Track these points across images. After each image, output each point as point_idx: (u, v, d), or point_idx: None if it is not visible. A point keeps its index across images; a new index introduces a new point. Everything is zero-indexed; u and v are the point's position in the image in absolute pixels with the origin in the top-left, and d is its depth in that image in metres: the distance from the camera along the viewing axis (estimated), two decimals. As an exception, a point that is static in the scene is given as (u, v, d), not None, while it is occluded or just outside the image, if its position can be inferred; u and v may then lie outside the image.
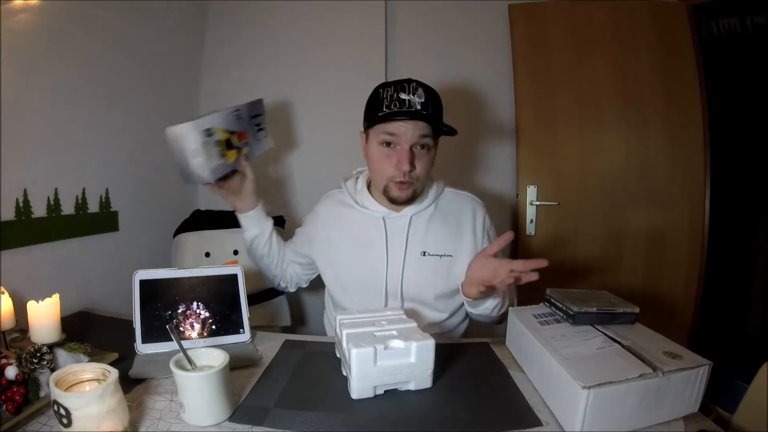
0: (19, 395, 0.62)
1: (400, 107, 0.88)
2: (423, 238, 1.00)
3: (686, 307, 1.69)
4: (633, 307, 0.76)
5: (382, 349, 0.66)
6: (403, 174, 0.91)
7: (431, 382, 0.70)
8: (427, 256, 0.99)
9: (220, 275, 0.93)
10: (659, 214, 1.70)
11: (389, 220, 1.01)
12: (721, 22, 1.77)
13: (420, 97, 0.89)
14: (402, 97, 0.89)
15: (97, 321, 1.07)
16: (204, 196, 1.91)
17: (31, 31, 1.06)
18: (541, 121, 1.75)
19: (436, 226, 1.01)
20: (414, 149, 0.92)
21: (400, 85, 0.91)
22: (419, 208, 1.01)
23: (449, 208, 1.05)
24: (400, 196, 0.95)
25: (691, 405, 0.62)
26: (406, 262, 0.99)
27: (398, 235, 1.00)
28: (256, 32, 1.84)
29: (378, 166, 0.95)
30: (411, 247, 1.00)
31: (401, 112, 0.88)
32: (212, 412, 0.61)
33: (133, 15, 1.40)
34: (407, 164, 0.89)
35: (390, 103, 0.89)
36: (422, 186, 0.98)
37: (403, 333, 0.70)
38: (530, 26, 1.74)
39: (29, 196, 1.07)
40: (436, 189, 1.05)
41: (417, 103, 0.88)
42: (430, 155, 0.96)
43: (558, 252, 1.78)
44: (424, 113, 0.88)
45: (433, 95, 0.93)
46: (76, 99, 1.22)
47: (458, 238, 1.01)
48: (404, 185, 0.93)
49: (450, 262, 1.00)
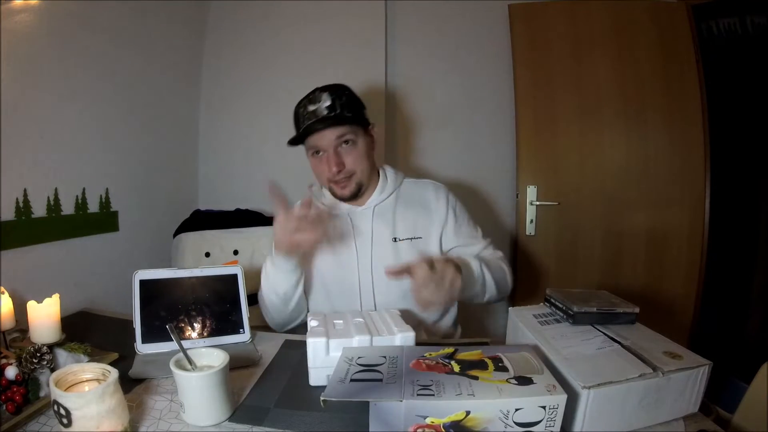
0: (19, 395, 0.62)
1: (310, 118, 0.96)
2: (391, 225, 1.03)
3: (686, 307, 1.69)
4: (633, 307, 0.76)
5: (340, 342, 0.70)
6: (335, 174, 0.97)
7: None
8: (398, 241, 1.03)
9: (220, 275, 0.94)
10: (659, 214, 1.70)
11: (354, 215, 1.05)
12: (721, 22, 1.77)
13: (325, 102, 0.96)
14: (310, 109, 0.96)
15: (97, 321, 1.07)
16: (204, 196, 1.92)
17: (31, 31, 1.06)
18: (541, 121, 1.75)
19: (401, 212, 1.05)
20: (339, 149, 0.97)
21: (307, 98, 0.99)
22: (380, 198, 1.05)
23: (411, 194, 1.09)
24: (344, 194, 1.01)
25: (691, 405, 0.62)
26: (374, 249, 1.02)
27: (365, 227, 1.04)
28: (256, 32, 1.84)
29: (316, 172, 1.04)
30: (379, 234, 1.03)
31: (310, 125, 0.95)
32: (212, 412, 0.61)
33: (133, 15, 1.41)
34: (334, 165, 0.96)
35: (303, 118, 0.97)
36: (364, 177, 1.02)
37: (367, 328, 0.74)
38: (530, 26, 1.74)
39: (29, 196, 1.07)
40: (395, 179, 1.09)
41: (323, 109, 0.95)
42: (357, 148, 1.00)
43: (558, 252, 1.78)
44: (332, 114, 0.95)
45: (340, 92, 0.98)
46: (76, 99, 1.22)
47: (426, 220, 1.05)
48: (342, 183, 1.00)
49: (422, 244, 1.03)
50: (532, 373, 0.57)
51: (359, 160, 1.00)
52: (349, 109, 0.97)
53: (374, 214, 1.04)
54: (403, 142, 1.88)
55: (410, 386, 0.54)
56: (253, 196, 1.82)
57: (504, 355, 0.63)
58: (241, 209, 1.67)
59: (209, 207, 1.72)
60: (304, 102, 0.98)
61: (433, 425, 0.51)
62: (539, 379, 0.56)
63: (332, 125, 0.95)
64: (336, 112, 0.95)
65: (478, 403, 0.51)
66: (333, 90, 0.97)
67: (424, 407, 0.51)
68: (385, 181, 1.08)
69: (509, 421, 0.52)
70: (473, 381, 0.56)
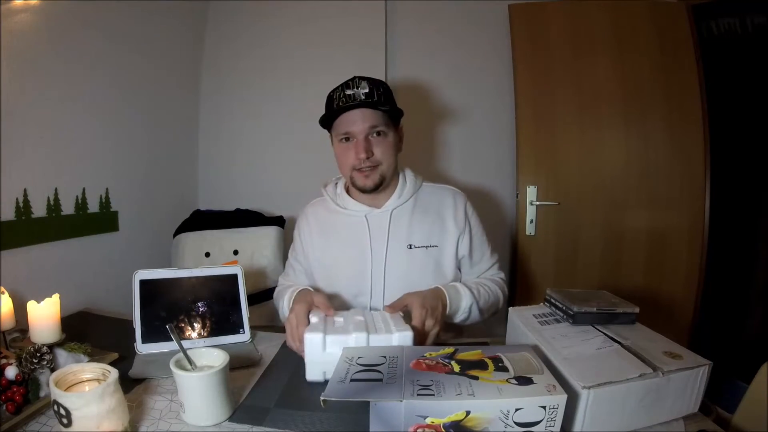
0: (19, 395, 0.62)
1: (347, 102, 0.95)
2: (407, 231, 1.02)
3: (686, 307, 1.69)
4: (633, 307, 0.76)
5: (337, 338, 0.71)
6: (362, 161, 0.96)
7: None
8: (414, 248, 1.02)
9: (220, 275, 0.94)
10: (659, 214, 1.70)
11: (371, 218, 1.04)
12: (721, 22, 1.77)
13: (363, 89, 0.95)
14: (347, 92, 0.96)
15: (97, 321, 1.07)
16: (204, 196, 1.92)
17: (31, 31, 1.06)
18: (541, 121, 1.75)
19: (418, 218, 1.04)
20: (370, 138, 0.97)
21: (345, 83, 0.98)
22: (399, 202, 1.04)
23: (429, 200, 1.08)
24: (366, 183, 0.99)
25: (691, 405, 0.62)
26: (388, 255, 1.01)
27: (381, 231, 1.03)
28: (256, 32, 1.84)
29: (341, 160, 1.02)
30: (394, 240, 1.02)
31: (347, 106, 0.94)
32: (212, 412, 0.61)
33: (133, 15, 1.41)
34: (363, 152, 0.95)
35: (338, 101, 0.96)
36: (389, 171, 1.01)
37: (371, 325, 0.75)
38: (530, 26, 1.74)
39: (29, 196, 1.07)
40: (414, 183, 1.08)
41: (361, 94, 0.95)
42: (388, 140, 1.00)
43: (558, 252, 1.78)
44: (369, 101, 0.94)
45: (378, 84, 0.98)
46: (76, 99, 1.22)
47: (442, 229, 1.04)
48: (366, 172, 0.98)
49: (437, 253, 1.02)
50: (533, 373, 0.57)
51: (387, 153, 0.99)
52: (386, 101, 0.97)
53: (391, 218, 1.03)
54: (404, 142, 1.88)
55: (410, 386, 0.54)
56: (253, 196, 1.82)
57: (504, 355, 0.63)
58: (241, 209, 1.67)
59: (209, 207, 1.72)
60: (341, 87, 0.98)
61: (433, 425, 0.51)
62: (539, 379, 0.56)
63: (369, 110, 0.95)
64: (374, 99, 0.95)
65: (478, 403, 0.51)
66: (372, 80, 0.98)
67: (424, 407, 0.51)
68: (404, 185, 1.07)
69: (509, 420, 0.52)
70: (473, 381, 0.56)
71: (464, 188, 1.14)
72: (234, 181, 1.89)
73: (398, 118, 1.02)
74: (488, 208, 1.88)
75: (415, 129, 1.87)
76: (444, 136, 1.88)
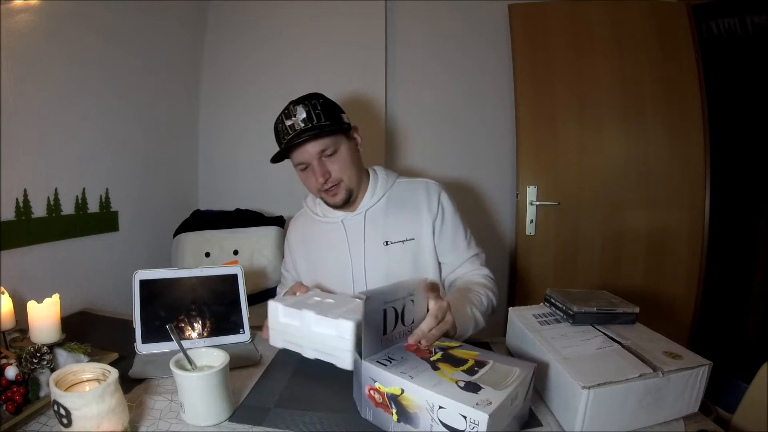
0: (19, 395, 0.62)
1: (289, 133, 0.95)
2: (383, 229, 1.03)
3: (686, 307, 1.69)
4: (633, 307, 0.76)
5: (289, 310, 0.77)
6: (322, 185, 0.98)
7: (351, 364, 0.69)
8: (390, 244, 1.02)
9: (220, 275, 0.94)
10: (659, 214, 1.70)
11: (347, 222, 1.05)
12: (721, 22, 1.77)
13: (300, 115, 0.94)
14: (288, 123, 0.95)
15: (97, 321, 1.07)
16: (204, 196, 1.92)
17: (31, 31, 1.06)
18: (540, 121, 1.75)
19: (393, 214, 1.04)
20: (322, 160, 0.97)
21: (283, 113, 0.97)
22: (372, 201, 1.05)
23: (403, 195, 1.07)
24: (336, 201, 1.01)
25: (691, 405, 0.62)
26: (366, 254, 1.02)
27: (357, 232, 1.04)
28: (256, 32, 1.84)
29: (306, 186, 1.04)
30: (371, 239, 1.03)
31: (290, 141, 0.94)
32: (212, 412, 0.61)
33: (133, 15, 1.41)
34: (320, 176, 0.96)
35: (282, 135, 0.96)
36: (353, 182, 1.01)
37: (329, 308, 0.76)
38: (530, 26, 1.74)
39: (29, 196, 1.07)
40: (386, 181, 1.08)
41: (299, 122, 0.94)
42: (341, 156, 0.99)
43: (558, 252, 1.78)
44: (309, 126, 0.93)
45: (314, 102, 0.96)
46: (77, 99, 1.22)
47: (417, 221, 1.04)
48: (331, 191, 0.99)
49: (415, 246, 1.03)
50: (496, 386, 0.54)
51: (345, 167, 0.99)
52: (326, 117, 0.95)
53: (366, 219, 1.04)
54: (403, 142, 1.88)
55: (384, 354, 0.63)
56: (253, 196, 1.82)
57: (494, 362, 0.61)
58: (241, 209, 1.67)
59: (209, 207, 1.72)
60: (280, 117, 0.97)
61: (380, 391, 0.59)
62: (487, 393, 0.53)
63: (311, 138, 0.93)
64: (313, 122, 0.93)
65: (411, 386, 0.55)
66: (307, 101, 0.96)
67: (375, 372, 0.59)
68: (375, 184, 1.07)
69: (434, 415, 0.53)
70: (431, 371, 0.58)
71: (464, 188, 1.14)
72: (234, 181, 1.89)
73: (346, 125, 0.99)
74: (488, 208, 1.88)
75: (414, 129, 1.88)
76: (444, 136, 1.88)
